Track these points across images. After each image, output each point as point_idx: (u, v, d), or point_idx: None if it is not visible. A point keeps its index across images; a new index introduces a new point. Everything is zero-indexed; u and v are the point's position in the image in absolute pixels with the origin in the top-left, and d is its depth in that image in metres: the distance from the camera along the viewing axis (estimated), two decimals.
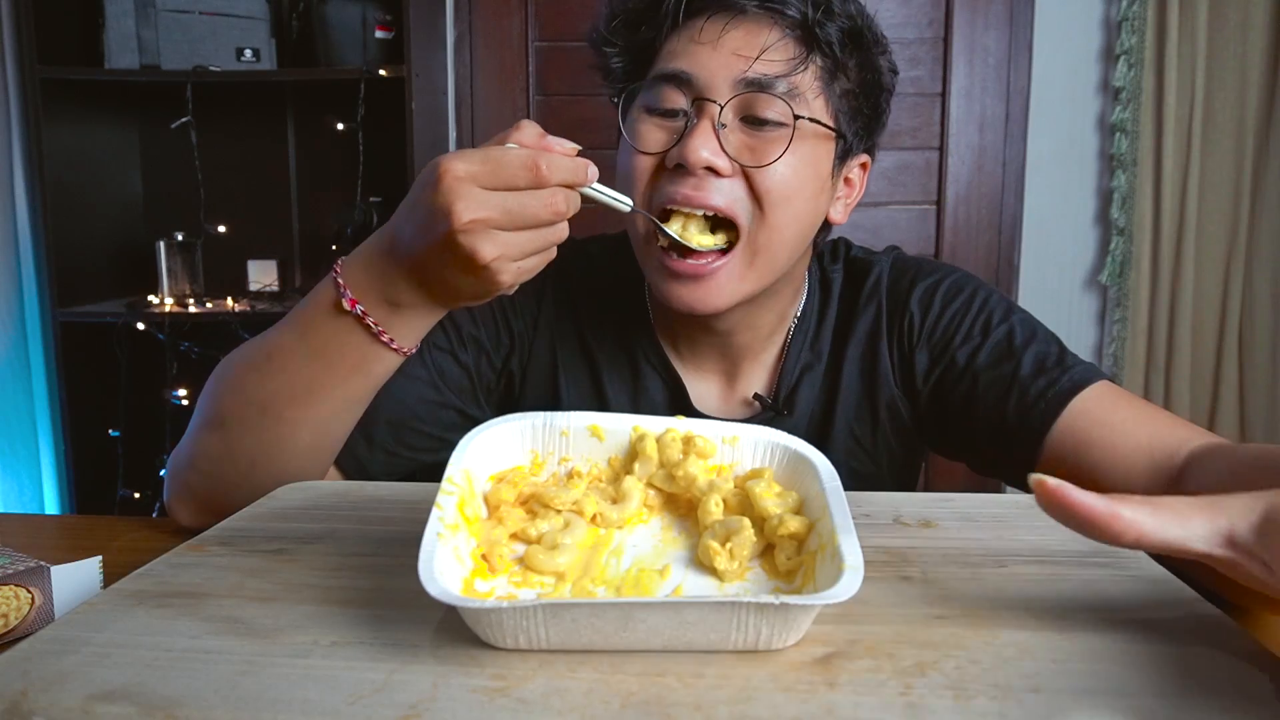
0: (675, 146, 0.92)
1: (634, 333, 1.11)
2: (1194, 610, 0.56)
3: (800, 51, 0.92)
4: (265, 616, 0.56)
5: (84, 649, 0.52)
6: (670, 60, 0.94)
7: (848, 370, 1.08)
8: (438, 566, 0.52)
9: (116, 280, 2.79)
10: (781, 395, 1.08)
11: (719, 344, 1.07)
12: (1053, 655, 0.51)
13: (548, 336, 1.11)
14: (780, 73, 0.91)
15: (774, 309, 1.06)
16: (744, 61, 0.91)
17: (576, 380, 1.11)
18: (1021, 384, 0.98)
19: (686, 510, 0.69)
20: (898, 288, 1.09)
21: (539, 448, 0.71)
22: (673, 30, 0.95)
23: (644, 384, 1.10)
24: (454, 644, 0.52)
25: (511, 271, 0.76)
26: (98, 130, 2.74)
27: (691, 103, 0.92)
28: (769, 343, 1.10)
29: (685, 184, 0.91)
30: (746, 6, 0.92)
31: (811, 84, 0.93)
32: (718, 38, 0.92)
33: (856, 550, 0.53)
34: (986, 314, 1.04)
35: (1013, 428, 0.98)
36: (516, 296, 1.07)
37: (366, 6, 2.52)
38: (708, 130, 0.91)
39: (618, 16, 0.98)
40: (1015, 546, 0.68)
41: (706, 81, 0.91)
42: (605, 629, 0.50)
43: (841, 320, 1.11)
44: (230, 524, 0.74)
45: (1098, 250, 2.74)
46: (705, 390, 1.10)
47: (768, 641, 0.51)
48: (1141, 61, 2.56)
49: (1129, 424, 0.92)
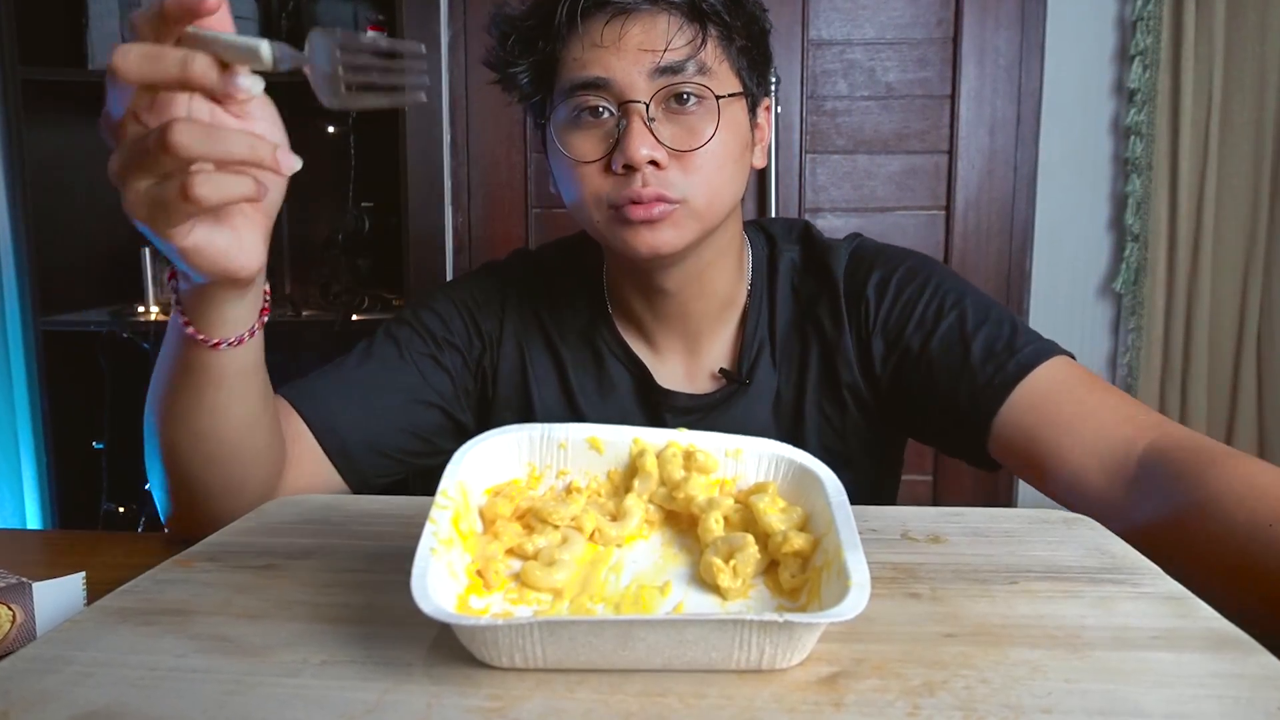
0: (616, 151, 0.99)
1: (595, 325, 1.18)
2: (1211, 628, 0.56)
3: (695, 29, 0.99)
4: (254, 634, 0.56)
5: (66, 668, 0.52)
6: (580, 69, 1.00)
7: (812, 355, 1.13)
8: (431, 583, 0.52)
9: (100, 288, 2.79)
10: (744, 368, 1.14)
11: (677, 317, 1.13)
12: (1065, 675, 0.51)
13: (514, 337, 1.18)
14: (687, 55, 0.98)
15: (722, 272, 1.13)
16: (651, 55, 0.98)
17: (545, 377, 1.18)
18: (971, 369, 1.02)
19: (687, 526, 0.69)
20: (856, 275, 1.13)
21: (536, 460, 0.71)
22: (571, 37, 1.01)
23: (609, 373, 1.16)
24: (448, 663, 0.52)
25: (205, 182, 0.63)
26: (81, 133, 2.74)
27: (617, 106, 0.99)
28: (725, 315, 1.16)
29: (634, 182, 0.98)
30: (637, 3, 0.98)
31: (714, 53, 1.01)
32: (619, 39, 0.98)
33: (863, 567, 0.53)
34: (939, 299, 1.08)
35: (965, 413, 1.02)
36: (481, 301, 1.17)
37: (358, 6, 2.52)
38: (641, 129, 0.97)
39: (511, 35, 1.04)
40: (1027, 562, 0.68)
41: (624, 83, 0.98)
42: (604, 647, 0.50)
43: (801, 302, 1.16)
44: (218, 539, 0.75)
45: (1112, 257, 2.75)
46: (670, 370, 1.16)
47: (771, 661, 0.51)
48: (1157, 62, 2.56)
49: (1075, 419, 0.95)
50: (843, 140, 2.73)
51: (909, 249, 1.16)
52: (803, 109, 2.71)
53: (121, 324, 2.57)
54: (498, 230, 2.82)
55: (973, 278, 2.72)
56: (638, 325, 1.16)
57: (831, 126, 2.72)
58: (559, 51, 1.02)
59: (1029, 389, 0.98)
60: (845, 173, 2.73)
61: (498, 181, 2.82)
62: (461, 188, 2.82)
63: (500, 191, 2.82)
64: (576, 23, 0.99)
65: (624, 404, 1.16)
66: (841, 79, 2.71)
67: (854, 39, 2.69)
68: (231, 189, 0.63)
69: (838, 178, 2.73)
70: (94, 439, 2.69)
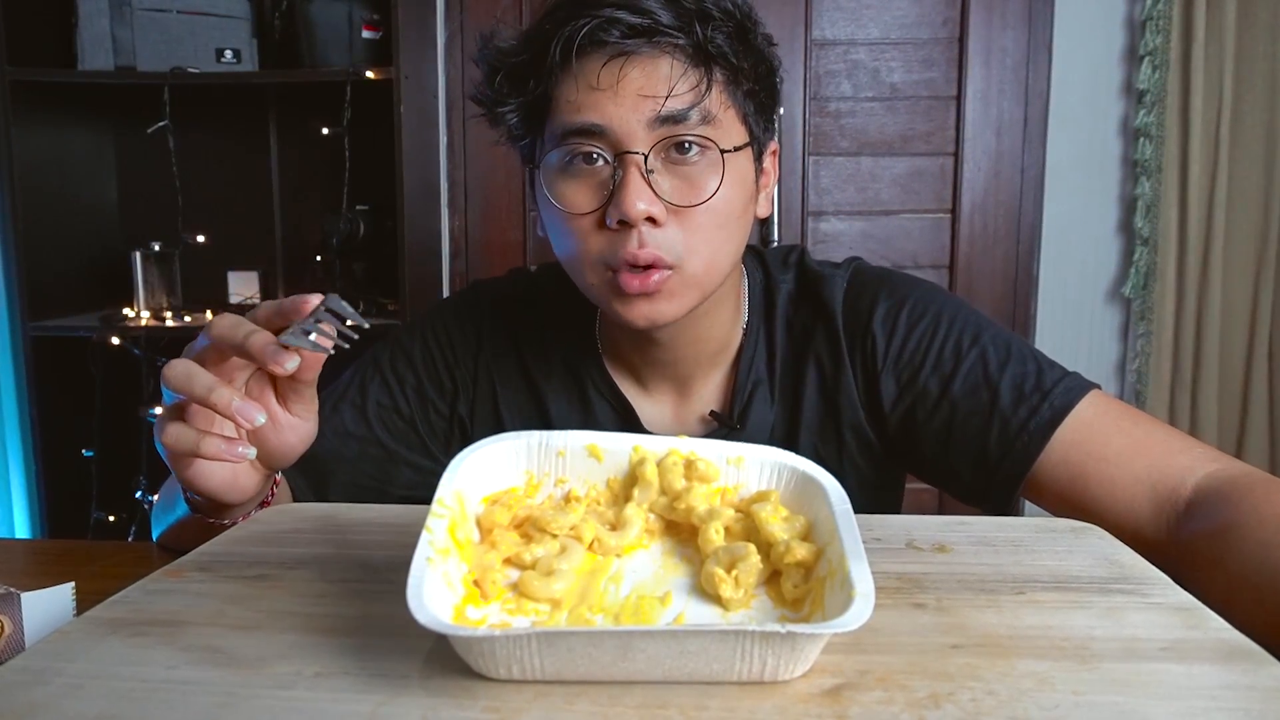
0: (611, 205, 0.94)
1: (583, 360, 1.14)
2: (1222, 639, 0.56)
3: (700, 73, 0.94)
4: (246, 646, 0.56)
5: (56, 680, 0.52)
6: (574, 113, 0.94)
7: (809, 390, 1.10)
8: (427, 592, 0.52)
9: (90, 292, 2.80)
10: (736, 411, 1.10)
11: (668, 362, 1.09)
12: (1073, 687, 0.51)
13: (488, 375, 1.15)
14: (690, 103, 0.93)
15: (717, 320, 1.08)
16: (652, 102, 0.92)
17: (521, 415, 1.14)
18: (1002, 414, 0.98)
19: (689, 535, 0.69)
20: (857, 307, 1.09)
21: (534, 468, 0.71)
22: (564, 76, 0.95)
23: (593, 410, 1.13)
24: (445, 674, 0.52)
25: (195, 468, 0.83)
26: (70, 135, 2.75)
27: (614, 156, 0.94)
28: (719, 358, 1.12)
29: (629, 241, 0.93)
30: (638, 45, 0.92)
31: (720, 99, 0.95)
32: (616, 82, 0.92)
33: (867, 577, 0.53)
34: (956, 337, 1.04)
35: (995, 461, 0.98)
36: (455, 339, 1.15)
37: (353, 5, 2.53)
38: (639, 182, 0.92)
39: (499, 72, 0.99)
40: (1034, 572, 0.68)
41: (622, 132, 0.93)
42: (603, 659, 0.50)
43: (796, 336, 1.12)
44: (209, 548, 0.74)
45: (1120, 261, 2.75)
46: (657, 412, 1.13)
47: (774, 672, 0.51)
48: (1166, 63, 2.57)
49: (1125, 453, 0.93)
50: (846, 142, 2.73)
51: (910, 275, 1.13)
52: (805, 110, 2.71)
53: (111, 329, 2.57)
54: (495, 234, 2.83)
55: (979, 283, 2.74)
56: (627, 364, 1.13)
57: (835, 128, 2.73)
58: (551, 90, 0.96)
59: (1071, 429, 0.95)
60: (849, 175, 2.73)
61: (495, 184, 2.82)
62: (458, 190, 2.82)
63: (498, 194, 2.83)
64: (571, 61, 0.93)
65: None
66: (845, 79, 2.72)
67: (858, 39, 2.70)
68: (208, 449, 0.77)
69: (841, 180, 2.73)
70: (83, 447, 2.69)
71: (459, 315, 1.17)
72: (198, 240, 2.77)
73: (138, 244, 2.70)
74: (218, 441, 0.76)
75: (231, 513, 0.90)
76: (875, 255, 2.63)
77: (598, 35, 0.91)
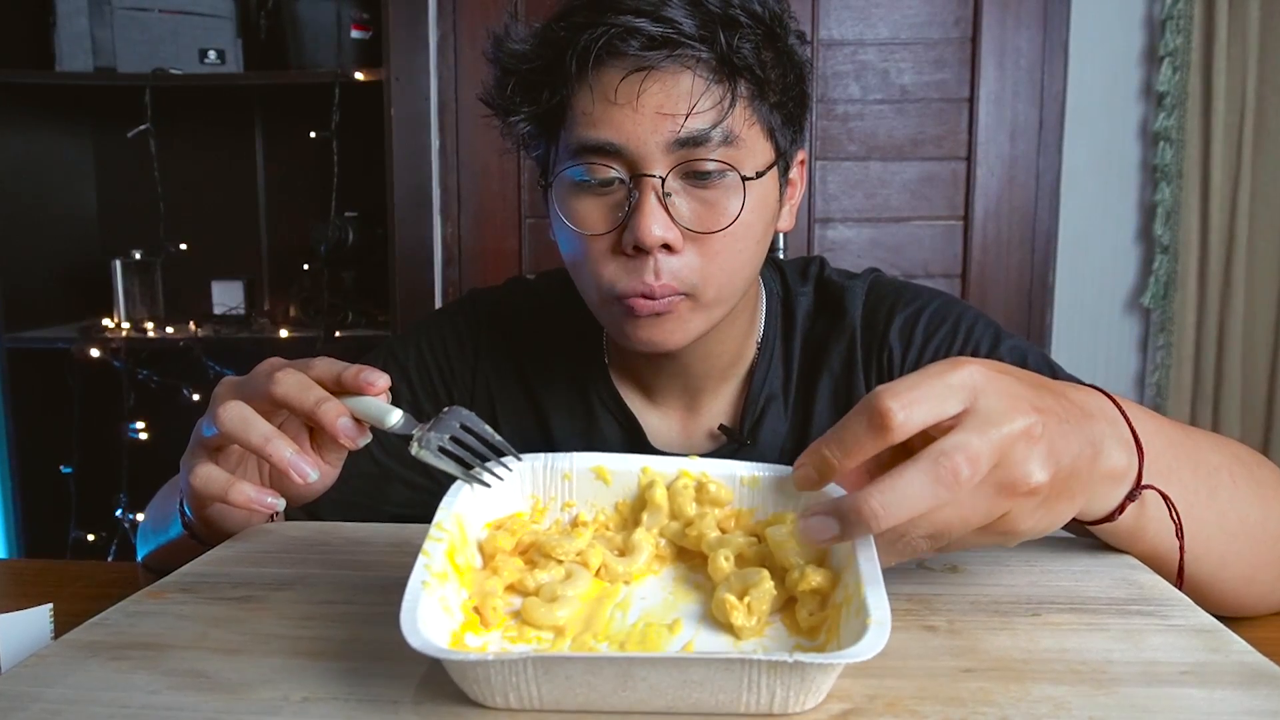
0: (626, 230, 0.92)
1: (589, 372, 1.13)
2: (1244, 662, 0.57)
3: (724, 89, 0.92)
4: (231, 670, 0.56)
5: (33, 705, 0.52)
6: (590, 128, 0.92)
7: (820, 403, 1.10)
8: (422, 616, 0.52)
9: (68, 303, 2.80)
10: (746, 426, 1.10)
11: (678, 376, 1.09)
12: (1091, 712, 0.51)
13: (486, 389, 1.15)
14: (712, 121, 0.91)
15: (730, 335, 1.08)
16: (672, 121, 0.90)
17: (520, 430, 1.13)
18: None
19: (701, 561, 0.68)
20: (875, 317, 1.10)
21: (540, 492, 0.71)
22: (580, 86, 0.93)
23: (598, 425, 1.12)
24: (437, 701, 0.52)
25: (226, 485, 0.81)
26: (48, 139, 2.75)
27: (630, 177, 0.92)
28: (730, 372, 1.12)
29: (644, 270, 0.92)
30: (658, 59, 0.90)
31: (743, 116, 0.93)
32: (635, 97, 0.90)
33: (884, 604, 0.53)
34: (973, 348, 1.05)
35: None
36: (451, 351, 1.15)
37: (341, 4, 2.54)
38: (655, 206, 0.91)
39: (511, 78, 0.97)
40: (1049, 593, 0.68)
41: (639, 153, 0.91)
42: (602, 687, 0.50)
43: (812, 349, 1.12)
44: (193, 569, 0.75)
45: (1139, 270, 2.75)
46: (665, 426, 1.13)
47: (784, 704, 0.50)
48: (1187, 64, 2.57)
49: None
50: (855, 146, 2.74)
51: (928, 286, 1.13)
52: (812, 113, 2.71)
53: (90, 341, 2.58)
54: (489, 242, 2.83)
55: (992, 292, 2.74)
56: (634, 377, 1.13)
57: (843, 131, 2.74)
58: (567, 99, 0.94)
59: None
60: (857, 180, 2.74)
61: (489, 190, 2.83)
62: (451, 197, 2.82)
63: (492, 201, 2.83)
64: (588, 72, 0.91)
65: None
66: (854, 81, 2.72)
67: (867, 39, 2.71)
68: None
69: (849, 186, 2.74)
70: (62, 463, 2.69)
71: (455, 326, 1.17)
72: (180, 248, 2.77)
73: (118, 252, 2.71)
74: (248, 489, 0.77)
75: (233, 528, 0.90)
76: (884, 264, 2.63)
77: (616, 46, 0.89)
